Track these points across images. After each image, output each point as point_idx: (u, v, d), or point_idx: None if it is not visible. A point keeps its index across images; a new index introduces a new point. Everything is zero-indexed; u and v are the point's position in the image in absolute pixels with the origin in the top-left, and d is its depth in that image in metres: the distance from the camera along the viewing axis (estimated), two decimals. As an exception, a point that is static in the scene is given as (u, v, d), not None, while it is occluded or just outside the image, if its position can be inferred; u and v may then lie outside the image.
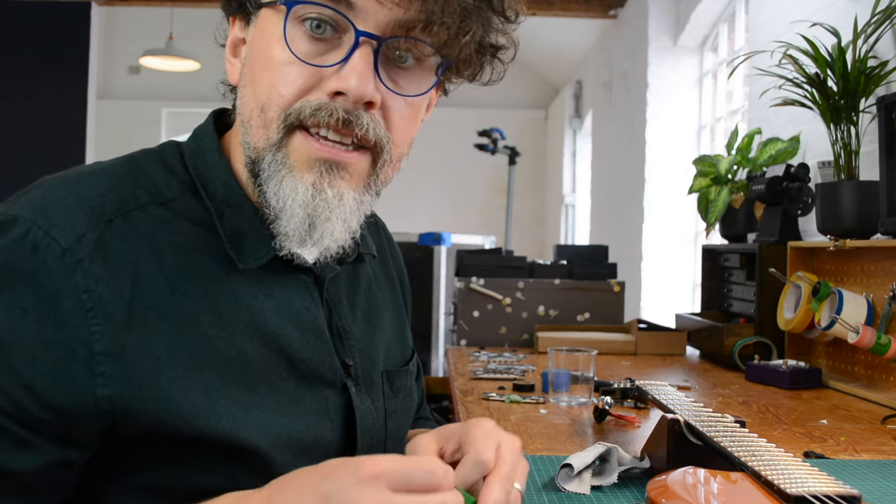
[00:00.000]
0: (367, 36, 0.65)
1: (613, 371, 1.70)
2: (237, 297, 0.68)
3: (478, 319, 2.13)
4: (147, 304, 0.62)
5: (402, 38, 0.66)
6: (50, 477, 0.60)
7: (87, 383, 0.59)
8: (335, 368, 0.74)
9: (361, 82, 0.64)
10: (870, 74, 1.62)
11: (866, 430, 1.17)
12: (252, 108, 0.68)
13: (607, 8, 4.68)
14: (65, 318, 0.59)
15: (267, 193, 0.67)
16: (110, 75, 7.38)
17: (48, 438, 0.59)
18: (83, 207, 0.63)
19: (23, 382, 0.58)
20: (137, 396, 0.60)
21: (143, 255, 0.64)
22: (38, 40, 4.79)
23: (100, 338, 0.60)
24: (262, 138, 0.67)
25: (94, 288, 0.60)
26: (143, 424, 0.61)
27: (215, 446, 0.63)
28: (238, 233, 0.69)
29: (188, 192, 0.69)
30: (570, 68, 6.47)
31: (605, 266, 2.25)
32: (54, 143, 4.72)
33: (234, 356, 0.66)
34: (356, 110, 0.66)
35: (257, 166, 0.68)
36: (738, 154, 2.18)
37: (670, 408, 0.91)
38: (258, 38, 0.70)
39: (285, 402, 0.69)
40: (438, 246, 3.83)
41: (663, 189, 3.95)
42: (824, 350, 1.69)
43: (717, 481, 0.72)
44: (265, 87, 0.67)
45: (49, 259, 0.59)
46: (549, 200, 7.51)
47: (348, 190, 0.68)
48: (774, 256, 1.76)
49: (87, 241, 0.61)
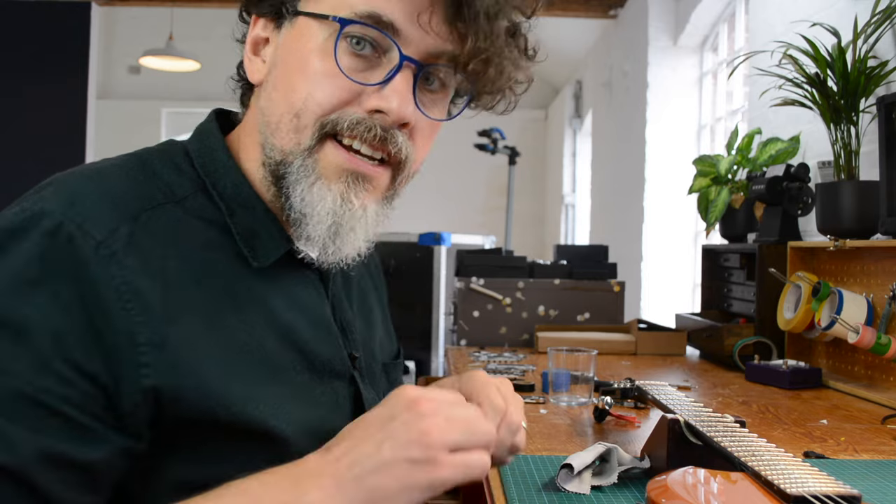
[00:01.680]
0: (409, 61, 0.69)
1: (613, 371, 1.70)
2: (253, 294, 0.70)
3: (478, 319, 2.13)
4: (178, 298, 0.64)
5: (442, 66, 0.71)
6: (114, 468, 0.60)
7: (133, 373, 0.60)
8: (344, 361, 0.76)
9: (403, 104, 0.68)
10: (870, 74, 1.62)
11: (866, 430, 1.17)
12: (283, 112, 0.70)
13: (607, 8, 4.68)
14: (107, 310, 0.60)
15: (292, 196, 0.70)
16: (110, 75, 7.38)
17: (111, 426, 0.60)
18: (109, 203, 0.64)
19: (82, 370, 0.58)
20: (180, 385, 0.62)
21: (168, 251, 0.65)
22: (38, 40, 4.78)
23: (141, 329, 0.61)
24: (293, 142, 0.70)
25: (130, 280, 0.61)
26: (185, 411, 0.62)
27: (249, 434, 0.65)
28: (251, 231, 0.71)
29: (199, 192, 0.71)
30: (570, 68, 6.47)
31: (605, 266, 2.25)
32: (54, 143, 4.72)
33: (256, 349, 0.68)
34: (392, 129, 0.69)
35: (283, 168, 0.70)
36: (738, 154, 2.18)
37: (670, 408, 0.91)
38: (293, 44, 0.71)
39: (302, 394, 0.71)
40: (438, 246, 3.83)
41: (663, 189, 3.95)
42: (824, 350, 1.69)
43: (717, 481, 0.72)
44: (302, 94, 0.69)
45: (86, 251, 0.60)
46: (549, 200, 7.51)
47: (371, 202, 0.72)
48: (774, 256, 1.76)
49: (121, 234, 0.62)
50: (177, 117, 7.79)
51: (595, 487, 0.83)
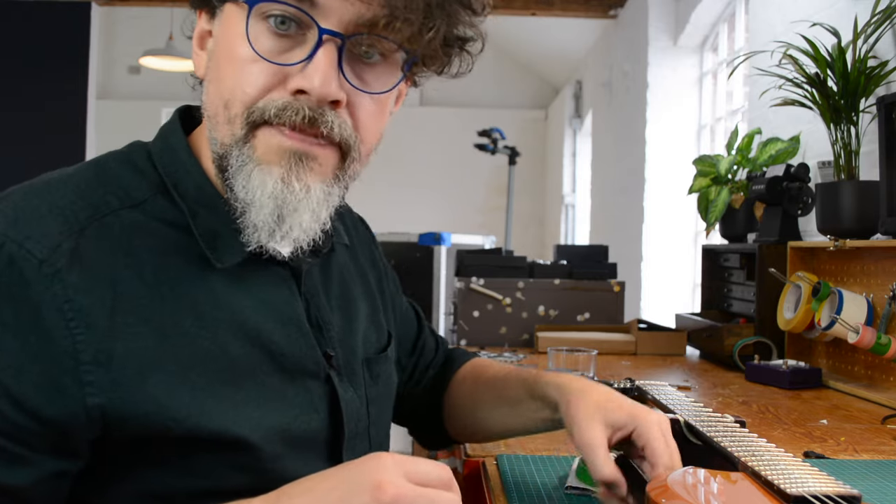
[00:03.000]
0: (330, 34, 0.64)
1: (613, 371, 1.70)
2: (216, 296, 0.67)
3: (478, 319, 2.13)
4: (128, 310, 0.62)
5: (366, 35, 0.65)
6: (46, 490, 0.60)
7: (76, 393, 0.59)
8: (317, 360, 0.73)
9: (325, 81, 0.64)
10: (870, 74, 1.62)
11: (866, 430, 1.17)
12: (217, 103, 0.68)
13: (607, 8, 4.68)
14: (48, 331, 0.58)
15: (235, 187, 0.67)
16: (110, 75, 7.38)
17: (41, 451, 0.59)
18: (56, 216, 0.62)
19: (11, 397, 0.57)
20: (127, 402, 0.60)
21: (119, 260, 0.63)
22: (38, 40, 4.78)
23: (85, 347, 0.59)
24: (228, 134, 0.67)
25: (73, 297, 0.59)
26: (134, 428, 0.61)
27: (207, 445, 0.63)
28: (212, 232, 0.68)
29: (159, 194, 0.69)
30: (570, 68, 6.47)
31: (605, 266, 2.25)
32: (54, 143, 4.72)
33: (218, 355, 0.65)
34: (321, 108, 0.65)
35: (224, 161, 0.68)
36: (738, 154, 2.18)
37: (670, 408, 0.91)
38: (222, 33, 0.69)
39: (271, 396, 0.68)
40: (438, 246, 3.83)
41: (663, 189, 3.95)
42: (824, 350, 1.69)
43: (717, 481, 0.72)
44: (229, 84, 0.67)
45: (26, 272, 0.59)
46: (549, 200, 7.51)
47: (316, 182, 0.67)
48: (774, 256, 1.76)
49: (63, 250, 0.60)
50: (177, 117, 7.78)
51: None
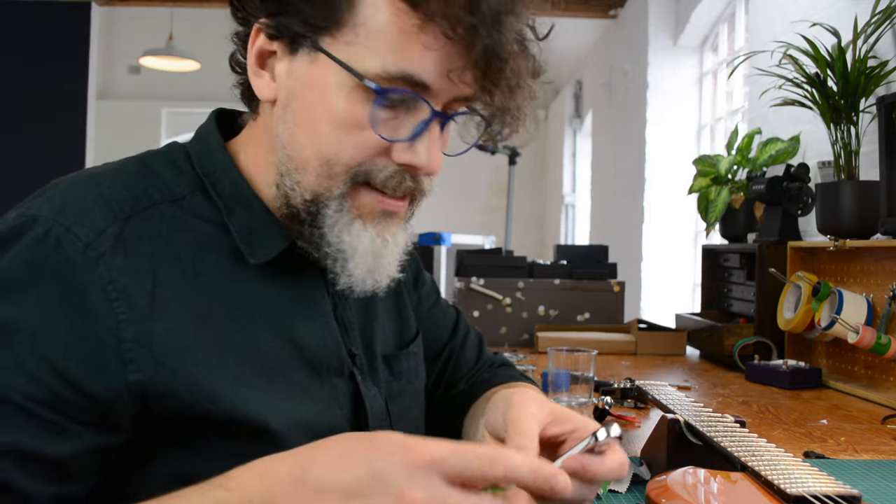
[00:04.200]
0: (439, 116, 0.69)
1: (613, 371, 1.70)
2: (249, 291, 0.70)
3: (478, 319, 2.13)
4: (167, 296, 0.65)
5: (468, 114, 0.72)
6: (87, 462, 0.62)
7: (118, 370, 0.62)
8: (343, 358, 0.77)
9: (433, 158, 0.70)
10: (870, 74, 1.62)
11: (866, 430, 1.17)
12: (311, 156, 0.70)
13: (607, 8, 4.68)
14: (92, 311, 0.61)
15: (329, 235, 0.71)
16: (110, 75, 7.37)
17: (85, 424, 0.61)
18: (101, 205, 0.66)
19: (58, 372, 0.60)
20: (167, 380, 0.63)
21: (159, 249, 0.66)
22: (38, 40, 4.78)
23: (127, 326, 0.62)
24: (324, 187, 0.70)
25: (117, 279, 0.63)
26: (174, 406, 0.63)
27: (241, 430, 0.66)
28: (248, 229, 0.72)
29: (197, 191, 0.72)
30: (570, 68, 6.47)
31: (605, 266, 2.25)
32: (54, 143, 4.72)
33: (249, 346, 0.69)
34: (419, 177, 0.71)
35: (314, 207, 0.71)
36: (738, 154, 2.18)
37: (670, 408, 0.91)
38: (315, 82, 0.69)
39: (299, 391, 0.71)
40: (438, 246, 3.83)
41: (663, 189, 3.95)
42: (824, 350, 1.69)
43: (717, 481, 0.72)
44: (331, 143, 0.69)
45: (72, 255, 0.62)
46: (549, 200, 7.51)
47: (399, 230, 0.74)
48: (774, 256, 1.76)
49: (108, 235, 0.64)
50: (177, 117, 7.78)
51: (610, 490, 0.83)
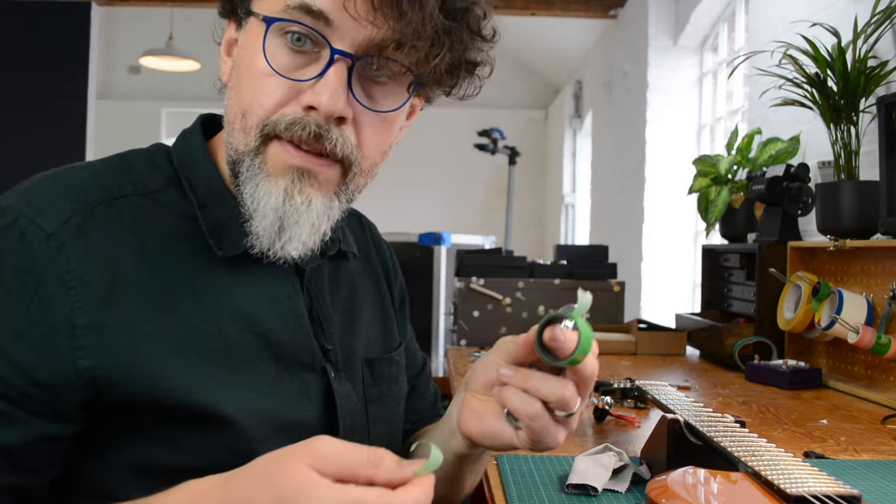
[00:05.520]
0: (341, 54, 0.68)
1: (613, 371, 1.70)
2: (217, 284, 0.71)
3: (478, 319, 2.13)
4: (126, 285, 0.66)
5: (375, 56, 0.69)
6: (36, 452, 0.63)
7: (68, 356, 0.63)
8: (314, 352, 0.77)
9: (333, 99, 0.68)
10: (870, 74, 1.62)
11: (866, 430, 1.17)
12: (236, 112, 0.72)
13: (607, 8, 4.68)
14: (49, 297, 0.63)
15: (244, 194, 0.71)
16: (110, 75, 7.37)
17: (32, 413, 0.62)
18: (69, 195, 0.68)
19: (7, 357, 0.62)
20: (118, 368, 0.64)
21: (124, 240, 0.68)
22: (38, 40, 4.78)
23: (80, 314, 0.63)
24: (243, 142, 0.71)
25: (76, 268, 0.64)
26: (125, 394, 0.64)
27: (195, 418, 0.66)
28: (218, 223, 0.73)
29: (171, 186, 0.74)
30: (570, 68, 6.47)
31: (605, 266, 2.25)
32: (54, 143, 4.72)
33: (214, 336, 0.69)
34: (327, 125, 0.69)
35: (237, 167, 0.72)
36: (738, 154, 2.18)
37: (670, 408, 0.91)
38: (245, 44, 0.73)
39: (265, 383, 0.72)
40: (438, 246, 3.83)
41: (663, 189, 3.95)
42: (824, 350, 1.69)
43: (717, 481, 0.72)
44: (248, 95, 0.71)
45: (35, 244, 0.64)
46: (549, 200, 7.51)
47: (317, 197, 0.72)
48: (774, 256, 1.76)
49: (71, 225, 0.66)
50: (177, 117, 7.78)
51: (608, 490, 0.83)
